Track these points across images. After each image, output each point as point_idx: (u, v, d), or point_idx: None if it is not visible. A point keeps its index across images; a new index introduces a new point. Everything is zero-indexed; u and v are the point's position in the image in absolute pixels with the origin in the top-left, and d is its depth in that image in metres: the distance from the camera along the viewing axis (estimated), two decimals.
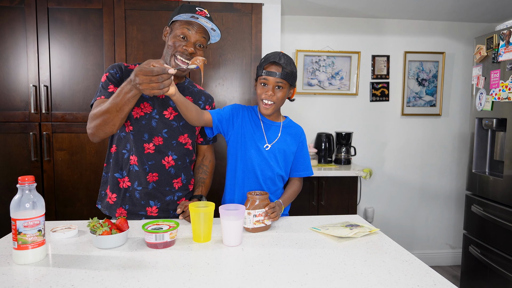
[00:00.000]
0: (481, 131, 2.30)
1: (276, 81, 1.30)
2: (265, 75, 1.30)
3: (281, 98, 1.33)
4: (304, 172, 1.47)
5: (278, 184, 1.44)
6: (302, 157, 1.47)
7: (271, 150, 1.38)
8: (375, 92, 3.02)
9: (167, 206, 1.40)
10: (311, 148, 2.74)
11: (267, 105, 1.33)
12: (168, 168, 1.38)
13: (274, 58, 1.29)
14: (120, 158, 1.36)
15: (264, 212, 1.18)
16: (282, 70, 1.29)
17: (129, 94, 1.11)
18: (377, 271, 0.91)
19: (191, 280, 0.84)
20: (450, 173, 3.15)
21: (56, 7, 2.10)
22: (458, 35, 3.05)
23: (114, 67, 1.34)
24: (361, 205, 3.06)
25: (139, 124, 1.33)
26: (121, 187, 1.36)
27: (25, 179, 0.93)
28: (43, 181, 2.14)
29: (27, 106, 2.12)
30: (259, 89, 1.33)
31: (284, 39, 2.90)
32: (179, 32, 1.29)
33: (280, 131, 1.41)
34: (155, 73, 1.01)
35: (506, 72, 2.00)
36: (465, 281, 2.37)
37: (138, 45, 2.17)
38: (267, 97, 1.31)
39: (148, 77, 1.01)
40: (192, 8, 1.30)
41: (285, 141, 1.41)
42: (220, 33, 1.36)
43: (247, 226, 1.17)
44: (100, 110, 1.17)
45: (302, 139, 1.47)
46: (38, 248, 0.94)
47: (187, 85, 1.47)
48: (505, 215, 2.00)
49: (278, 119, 1.44)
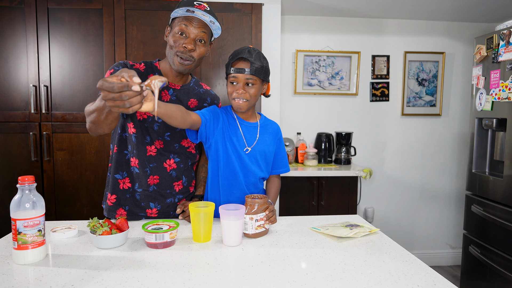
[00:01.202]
0: (481, 131, 2.30)
1: (246, 78, 1.23)
2: (233, 72, 1.23)
3: (254, 95, 1.26)
4: (283, 169, 1.46)
5: (260, 186, 1.42)
6: (280, 154, 1.45)
7: (251, 153, 1.34)
8: (375, 92, 3.02)
9: (167, 208, 1.38)
10: (311, 148, 2.74)
11: (240, 103, 1.25)
12: (170, 171, 1.35)
13: (241, 53, 1.22)
14: (121, 159, 1.35)
15: (264, 216, 1.15)
16: (251, 65, 1.21)
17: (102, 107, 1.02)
18: (377, 271, 0.90)
19: (191, 280, 0.84)
20: (450, 173, 3.15)
21: (56, 7, 2.10)
22: (458, 35, 3.05)
23: (119, 64, 1.30)
24: (361, 205, 3.06)
25: (142, 127, 1.31)
26: (121, 188, 1.34)
27: (25, 179, 0.93)
28: (43, 181, 2.14)
29: (27, 106, 2.12)
30: (230, 88, 1.26)
31: (284, 39, 2.90)
32: (177, 29, 1.23)
33: (258, 132, 1.36)
34: (116, 90, 0.83)
35: (506, 72, 2.00)
36: (465, 281, 2.37)
37: (138, 45, 2.17)
38: (238, 95, 1.24)
39: (110, 94, 0.84)
40: (190, 2, 1.23)
41: (265, 142, 1.37)
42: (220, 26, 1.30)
43: (249, 232, 1.13)
44: (89, 110, 1.12)
45: (279, 137, 1.44)
46: (38, 248, 0.94)
47: (192, 85, 1.41)
48: (505, 215, 2.00)
49: (254, 118, 1.38)
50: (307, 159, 2.71)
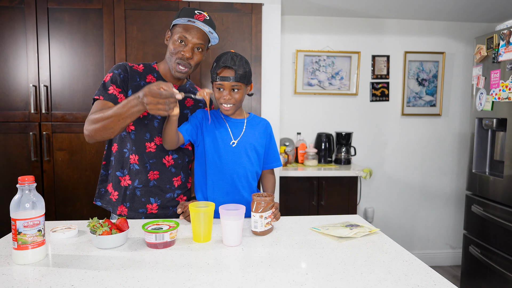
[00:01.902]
0: (481, 131, 2.30)
1: (231, 85, 1.31)
2: (219, 80, 1.31)
3: (239, 98, 1.35)
4: (276, 164, 1.50)
5: (253, 184, 1.44)
6: (271, 148, 1.50)
7: (239, 146, 1.39)
8: (375, 92, 3.02)
9: (167, 203, 1.43)
10: (311, 148, 2.74)
11: (227, 108, 1.35)
12: (169, 166, 1.41)
13: (225, 62, 1.29)
14: (121, 157, 1.39)
15: (272, 213, 1.19)
16: (235, 73, 1.29)
17: (135, 108, 1.15)
18: (377, 271, 0.90)
19: (191, 280, 0.84)
20: (450, 173, 3.14)
21: (56, 7, 2.10)
22: (458, 35, 3.05)
23: (119, 67, 1.36)
24: (361, 205, 3.06)
25: (141, 124, 1.36)
26: (122, 185, 1.38)
27: (25, 179, 0.93)
28: (43, 181, 2.14)
29: (27, 106, 2.12)
30: (217, 93, 1.34)
31: (284, 39, 2.90)
32: (177, 37, 1.32)
33: (244, 126, 1.43)
34: (163, 96, 1.08)
35: (506, 72, 2.00)
36: (465, 281, 2.37)
37: (138, 45, 2.17)
38: (225, 101, 1.33)
39: (156, 99, 1.08)
40: (191, 12, 1.32)
41: (253, 135, 1.42)
42: (218, 36, 1.39)
43: (258, 230, 1.16)
44: (102, 116, 1.20)
45: (269, 131, 1.49)
46: (38, 248, 0.94)
47: (188, 87, 1.49)
48: (505, 215, 2.00)
49: (241, 116, 1.45)
50: (307, 159, 2.71)
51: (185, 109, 1.45)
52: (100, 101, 1.30)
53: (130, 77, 1.36)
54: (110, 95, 1.30)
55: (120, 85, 1.33)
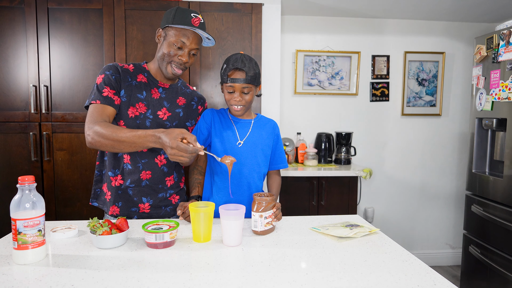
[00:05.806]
0: (481, 131, 2.30)
1: (242, 87, 1.32)
2: (230, 82, 1.32)
3: (250, 100, 1.37)
4: (282, 165, 1.51)
5: (258, 183, 1.45)
6: (278, 149, 1.51)
7: (245, 147, 1.40)
8: (375, 92, 3.02)
9: (159, 203, 1.43)
10: (311, 148, 2.74)
11: (238, 109, 1.37)
12: (161, 166, 1.41)
13: (236, 64, 1.31)
14: (113, 157, 1.39)
15: (272, 213, 1.19)
16: (246, 75, 1.30)
17: (150, 144, 1.16)
18: (377, 271, 0.91)
19: (191, 280, 0.84)
20: (450, 173, 3.15)
21: (56, 7, 2.10)
22: (458, 35, 3.05)
23: (110, 68, 1.33)
24: (361, 205, 3.06)
25: (134, 124, 1.35)
26: (113, 185, 1.38)
27: (25, 179, 0.93)
28: (43, 181, 2.14)
29: (27, 106, 2.12)
30: (227, 95, 1.36)
31: (284, 39, 2.90)
32: (174, 41, 1.30)
33: (251, 127, 1.44)
34: (189, 152, 1.10)
35: (506, 72, 2.00)
36: (465, 281, 2.37)
37: (138, 45, 2.17)
38: (236, 102, 1.35)
39: (181, 152, 1.10)
40: (188, 15, 1.29)
41: (259, 135, 1.43)
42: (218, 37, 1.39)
43: (258, 229, 1.16)
44: (112, 136, 1.18)
45: (276, 132, 1.50)
46: (38, 248, 0.94)
47: (180, 85, 1.49)
48: (505, 215, 2.00)
49: (249, 116, 1.46)
50: (307, 159, 2.71)
51: (177, 108, 1.44)
52: (98, 105, 1.27)
53: (122, 77, 1.34)
54: (106, 98, 1.28)
55: (113, 86, 1.31)
